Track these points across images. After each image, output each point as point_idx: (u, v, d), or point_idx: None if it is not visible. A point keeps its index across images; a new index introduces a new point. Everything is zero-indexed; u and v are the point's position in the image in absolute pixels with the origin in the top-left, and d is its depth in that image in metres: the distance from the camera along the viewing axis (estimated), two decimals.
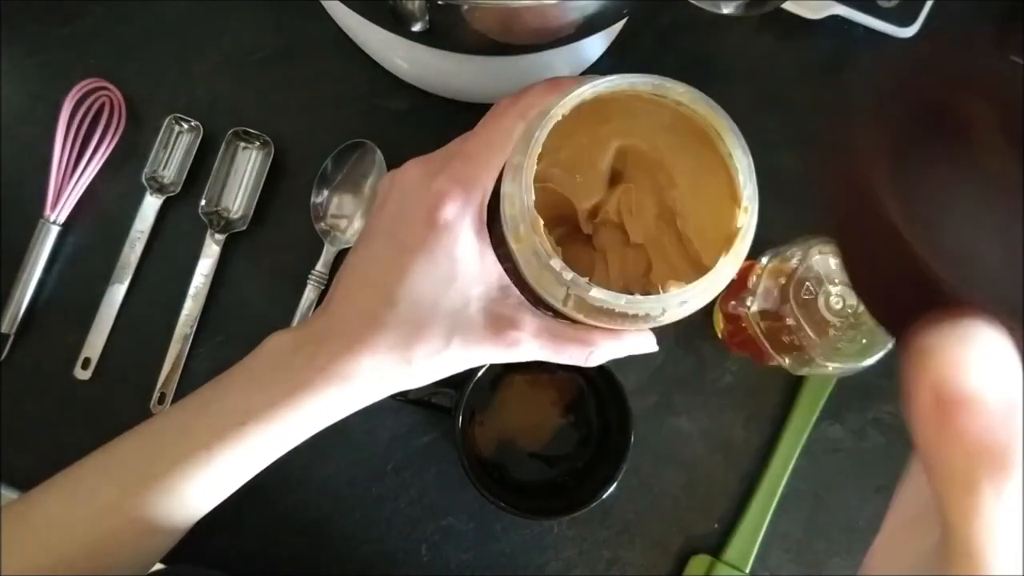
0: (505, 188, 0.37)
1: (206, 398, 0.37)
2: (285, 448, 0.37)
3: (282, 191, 0.52)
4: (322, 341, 0.36)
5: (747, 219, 0.36)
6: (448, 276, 0.35)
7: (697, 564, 0.50)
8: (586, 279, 0.34)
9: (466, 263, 0.36)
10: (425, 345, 0.35)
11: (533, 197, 0.35)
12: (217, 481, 0.36)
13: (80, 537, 0.35)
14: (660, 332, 0.52)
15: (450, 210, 0.35)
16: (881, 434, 0.52)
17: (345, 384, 0.35)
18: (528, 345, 0.36)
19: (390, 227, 0.37)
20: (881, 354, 0.42)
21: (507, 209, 0.36)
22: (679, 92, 0.37)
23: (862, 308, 0.43)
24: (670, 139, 0.40)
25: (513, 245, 0.36)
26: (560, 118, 0.36)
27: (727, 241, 0.36)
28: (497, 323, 0.36)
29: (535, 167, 0.35)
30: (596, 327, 0.37)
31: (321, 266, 0.51)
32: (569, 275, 0.34)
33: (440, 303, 0.35)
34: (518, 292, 0.38)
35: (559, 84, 0.38)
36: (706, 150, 0.39)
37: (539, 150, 0.35)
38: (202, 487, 0.36)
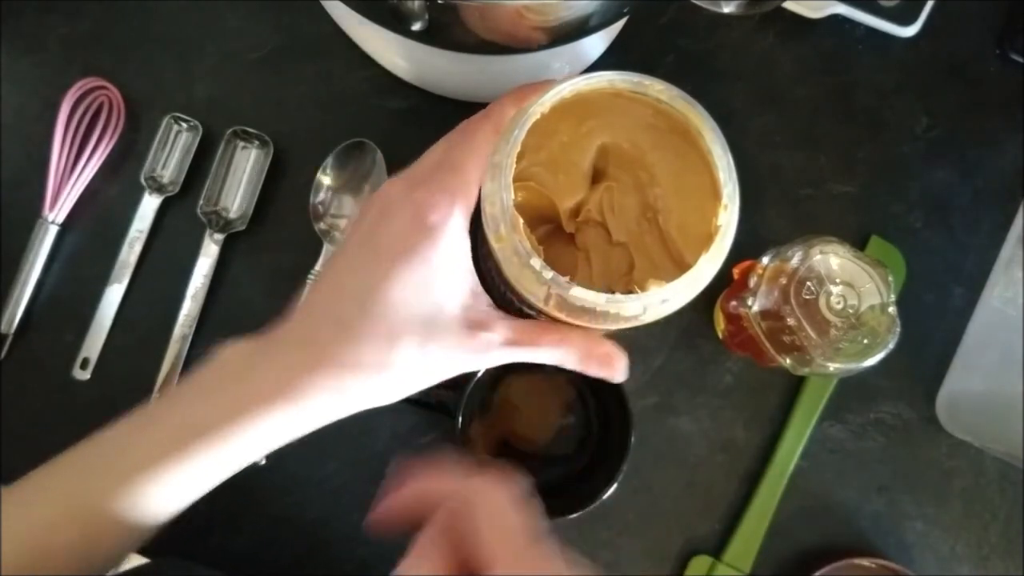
0: (485, 188, 0.37)
1: (153, 412, 0.36)
2: (234, 468, 0.35)
3: (281, 191, 0.52)
4: (278, 352, 0.34)
5: (727, 217, 0.36)
6: (425, 283, 0.34)
7: (698, 565, 0.50)
8: (567, 278, 0.34)
9: (444, 270, 0.35)
10: (400, 352, 0.34)
11: (513, 196, 0.35)
12: (158, 503, 0.34)
13: (14, 557, 0.33)
14: (661, 332, 0.52)
15: (434, 216, 0.35)
16: (882, 434, 0.52)
17: (300, 401, 0.33)
18: (502, 349, 0.36)
19: (369, 237, 0.36)
20: (882, 354, 0.42)
21: (487, 208, 0.36)
22: (658, 89, 0.37)
23: (863, 308, 0.43)
24: (652, 137, 0.40)
25: (494, 244, 0.36)
26: (539, 116, 0.36)
27: (708, 239, 0.36)
28: (470, 328, 0.35)
29: (515, 166, 0.35)
30: (574, 325, 0.36)
31: (320, 266, 0.51)
32: (549, 274, 0.34)
33: (415, 311, 0.34)
34: (489, 298, 0.38)
35: (525, 92, 0.38)
36: (688, 148, 0.39)
37: (519, 149, 0.35)
38: (141, 509, 0.34)
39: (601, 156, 0.41)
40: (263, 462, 0.49)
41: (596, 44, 0.51)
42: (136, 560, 0.47)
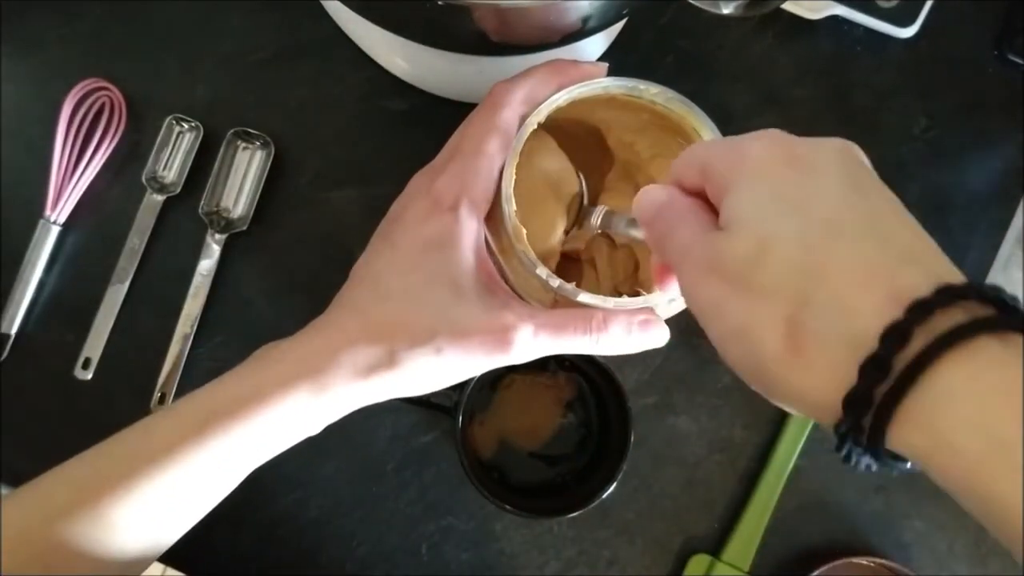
0: None
1: (184, 399, 0.34)
2: (258, 455, 0.33)
3: (282, 191, 0.52)
4: (301, 335, 0.34)
5: None
6: (438, 270, 0.34)
7: (697, 564, 0.50)
8: (573, 284, 0.34)
9: (458, 257, 0.34)
10: (408, 336, 0.32)
11: (515, 208, 0.35)
12: (177, 492, 0.32)
13: (22, 550, 0.30)
14: None
15: (446, 203, 0.34)
16: None
17: (319, 377, 0.32)
18: (524, 331, 0.33)
19: (388, 228, 0.37)
20: None
21: (489, 218, 0.36)
22: (653, 92, 0.37)
23: None
24: (650, 139, 0.40)
25: (498, 255, 0.36)
26: (536, 127, 0.36)
27: None
28: (488, 315, 0.33)
29: (514, 177, 0.35)
30: (607, 309, 0.34)
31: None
32: (556, 282, 0.34)
33: (428, 295, 0.33)
34: (508, 287, 0.37)
35: (560, 68, 0.37)
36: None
37: (517, 160, 0.35)
38: (158, 499, 0.32)
39: (596, 167, 0.41)
40: None
41: (596, 45, 0.51)
42: None
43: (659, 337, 0.35)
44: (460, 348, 0.33)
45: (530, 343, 0.33)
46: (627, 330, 0.34)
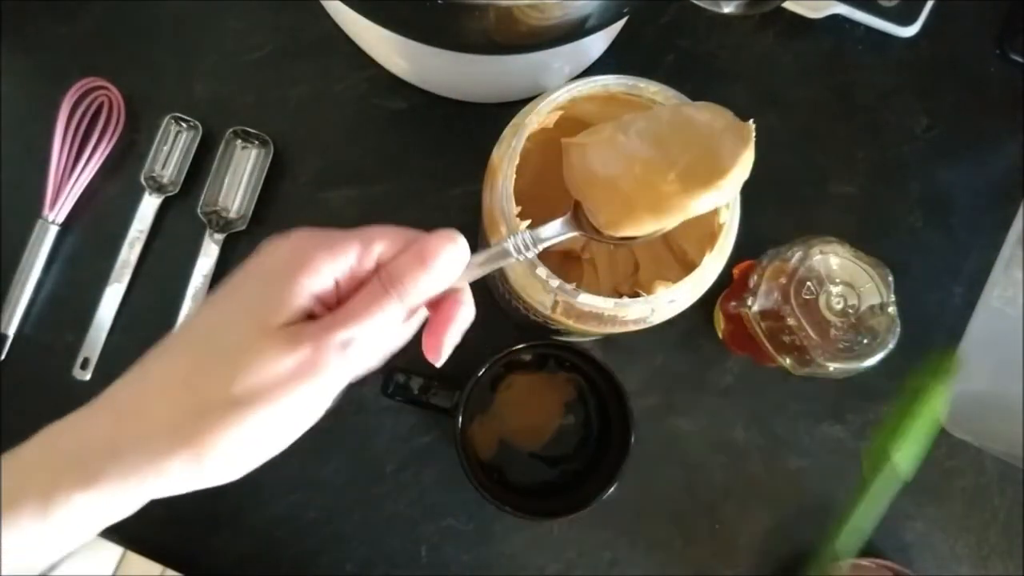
0: (485, 199, 0.37)
1: None
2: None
3: (282, 191, 0.52)
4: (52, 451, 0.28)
5: (729, 215, 0.36)
6: (248, 303, 0.29)
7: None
8: (573, 285, 0.34)
9: (271, 288, 0.29)
10: (210, 376, 0.28)
11: (516, 208, 0.35)
12: None
13: None
14: (661, 332, 0.52)
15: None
16: None
17: (121, 423, 0.28)
18: (334, 341, 0.27)
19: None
20: (882, 354, 0.42)
21: (487, 221, 0.36)
22: (653, 91, 0.37)
23: (863, 308, 0.43)
24: None
25: None
26: (536, 126, 0.36)
27: (712, 237, 0.37)
28: (296, 336, 0.28)
29: (514, 176, 0.35)
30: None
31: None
32: (556, 282, 0.34)
33: (236, 327, 0.28)
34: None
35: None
36: None
37: (517, 160, 0.35)
38: None
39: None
40: None
41: (597, 44, 0.51)
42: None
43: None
44: (265, 383, 0.28)
45: (344, 360, 0.28)
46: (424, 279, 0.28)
